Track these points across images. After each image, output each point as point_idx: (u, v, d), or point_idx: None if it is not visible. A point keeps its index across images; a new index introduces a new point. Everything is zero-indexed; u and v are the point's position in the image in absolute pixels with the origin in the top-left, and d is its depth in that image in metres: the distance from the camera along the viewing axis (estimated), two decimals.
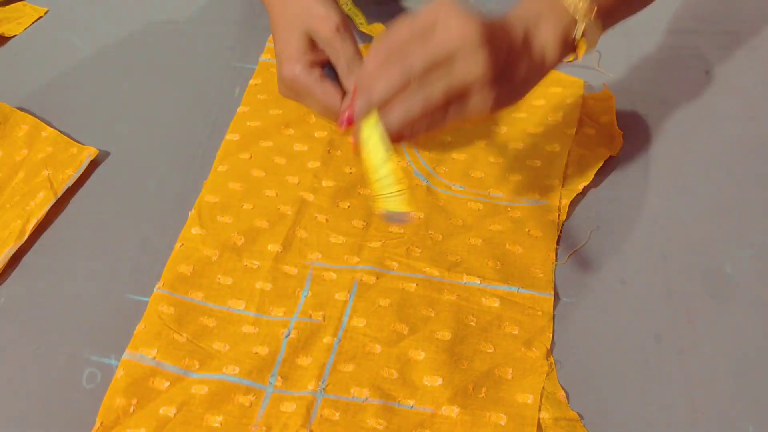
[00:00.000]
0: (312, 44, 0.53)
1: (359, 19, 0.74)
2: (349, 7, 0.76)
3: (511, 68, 0.45)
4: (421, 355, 0.50)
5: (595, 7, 0.48)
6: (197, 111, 0.67)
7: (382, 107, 0.43)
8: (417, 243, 0.56)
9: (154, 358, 0.49)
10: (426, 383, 0.48)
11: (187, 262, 0.54)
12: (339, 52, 0.51)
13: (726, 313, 0.52)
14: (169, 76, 0.71)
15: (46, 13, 0.78)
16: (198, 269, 0.54)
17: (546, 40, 0.47)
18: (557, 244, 0.56)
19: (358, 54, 0.52)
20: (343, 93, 0.52)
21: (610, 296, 0.53)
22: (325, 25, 0.51)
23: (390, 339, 0.50)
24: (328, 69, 0.54)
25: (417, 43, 0.42)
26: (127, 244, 0.57)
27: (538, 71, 0.48)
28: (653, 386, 0.48)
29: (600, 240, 0.57)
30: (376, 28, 0.73)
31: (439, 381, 0.48)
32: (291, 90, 0.55)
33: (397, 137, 0.44)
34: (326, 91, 0.52)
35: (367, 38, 0.72)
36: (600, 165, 0.61)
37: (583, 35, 0.49)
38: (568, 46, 0.49)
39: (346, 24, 0.51)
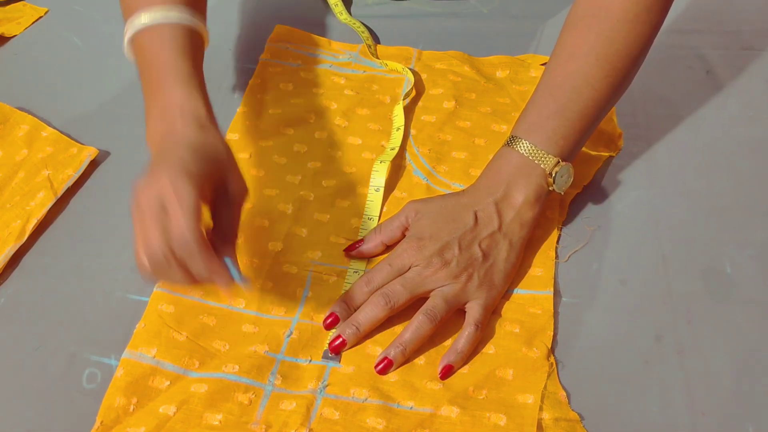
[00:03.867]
0: None
1: (358, 27, 0.74)
2: (344, 16, 0.75)
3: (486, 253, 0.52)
4: (421, 360, 0.50)
5: (559, 160, 0.53)
6: None
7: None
8: None
9: (154, 357, 0.49)
10: (426, 386, 0.48)
11: None
12: None
13: (726, 313, 0.52)
14: None
15: (46, 13, 0.78)
16: None
17: (519, 206, 0.53)
18: (557, 243, 0.56)
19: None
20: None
21: (610, 296, 0.53)
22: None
23: (391, 342, 0.50)
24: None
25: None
26: (127, 244, 0.57)
27: (516, 238, 0.53)
28: (653, 386, 0.48)
29: (600, 240, 0.57)
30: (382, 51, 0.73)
31: (439, 385, 0.48)
32: None
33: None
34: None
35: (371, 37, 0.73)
36: (600, 165, 0.61)
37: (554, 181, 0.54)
38: (543, 198, 0.54)
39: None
